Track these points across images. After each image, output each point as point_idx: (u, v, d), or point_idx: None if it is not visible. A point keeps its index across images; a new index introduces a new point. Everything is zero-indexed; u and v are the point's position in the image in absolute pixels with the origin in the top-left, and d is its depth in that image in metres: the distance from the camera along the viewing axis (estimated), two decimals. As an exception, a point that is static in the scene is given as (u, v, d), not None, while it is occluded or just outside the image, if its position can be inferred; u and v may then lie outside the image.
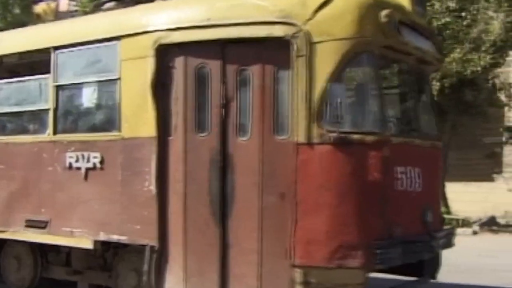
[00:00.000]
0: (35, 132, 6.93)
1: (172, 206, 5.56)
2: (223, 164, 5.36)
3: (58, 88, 6.40)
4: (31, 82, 6.75)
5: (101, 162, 5.99)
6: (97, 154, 6.02)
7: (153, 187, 5.61)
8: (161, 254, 5.58)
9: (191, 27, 5.48)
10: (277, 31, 5.17)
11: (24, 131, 7.04)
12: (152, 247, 5.61)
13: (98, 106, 6.30)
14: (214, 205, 5.38)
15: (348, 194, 5.01)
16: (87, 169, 6.10)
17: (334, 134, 5.02)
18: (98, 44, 6.10)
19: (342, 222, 5.00)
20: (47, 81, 6.50)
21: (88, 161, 6.09)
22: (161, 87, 5.62)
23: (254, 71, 5.31)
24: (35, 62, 7.04)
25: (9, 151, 6.87)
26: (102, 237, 5.97)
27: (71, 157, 6.23)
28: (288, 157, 5.14)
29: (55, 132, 6.42)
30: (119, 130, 5.89)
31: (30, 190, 6.62)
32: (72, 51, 6.32)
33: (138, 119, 5.74)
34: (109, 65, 6.04)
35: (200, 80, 5.50)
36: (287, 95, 5.20)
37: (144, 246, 5.69)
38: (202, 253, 5.42)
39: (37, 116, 6.88)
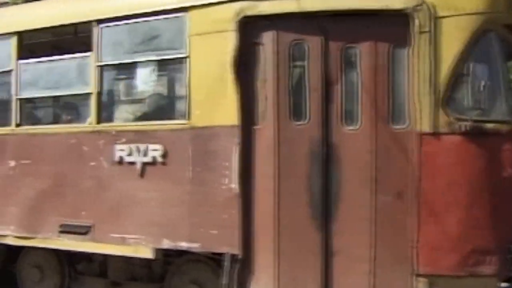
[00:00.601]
0: (71, 121, 5.92)
1: (260, 207, 4.72)
2: (326, 158, 4.57)
3: (103, 68, 5.42)
4: (65, 62, 5.72)
5: (164, 155, 5.07)
6: (158, 147, 5.08)
7: (235, 185, 4.75)
8: (244, 264, 4.75)
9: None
10: (395, 2, 4.42)
11: (57, 119, 6.01)
12: (233, 256, 4.76)
13: (158, 90, 5.38)
14: (315, 205, 4.58)
15: (482, 192, 4.33)
16: (144, 164, 5.16)
17: (466, 123, 4.32)
18: (158, 17, 5.13)
19: (475, 224, 4.31)
20: (88, 61, 5.50)
21: (145, 154, 5.15)
22: (244, 67, 4.77)
23: (363, 49, 4.54)
24: (65, 40, 6.02)
25: (37, 143, 5.80)
26: (166, 244, 5.05)
27: (121, 150, 5.27)
28: (407, 150, 4.41)
29: (99, 121, 5.43)
30: (188, 117, 4.98)
31: (66, 189, 5.60)
32: (121, 25, 5.33)
33: (214, 104, 4.86)
34: (174, 41, 5.10)
35: (295, 59, 4.69)
36: (405, 78, 4.47)
37: (220, 254, 4.84)
38: (300, 262, 4.61)
39: (74, 102, 5.87)
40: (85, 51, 5.51)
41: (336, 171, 4.56)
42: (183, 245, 4.97)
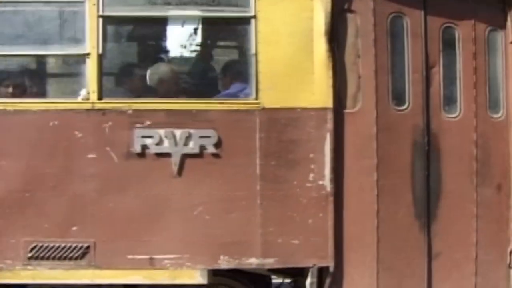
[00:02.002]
0: (56, 94, 4.01)
1: (352, 209, 3.90)
2: (428, 149, 4.02)
3: (106, 20, 3.79)
4: (48, 8, 3.84)
5: (217, 145, 3.80)
6: (210, 132, 3.79)
7: (325, 182, 3.83)
8: (335, 279, 3.86)
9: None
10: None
11: (29, 91, 3.98)
12: (321, 269, 3.83)
13: (205, 57, 3.98)
14: (419, 203, 3.99)
15: None
16: (185, 157, 3.79)
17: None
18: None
19: None
20: (83, 8, 3.79)
21: (186, 143, 3.79)
22: (333, 38, 3.88)
23: (461, 29, 4.12)
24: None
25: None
26: (225, 263, 3.79)
27: (146, 136, 3.78)
28: (505, 140, 4.17)
29: (100, 96, 3.79)
30: (256, 96, 3.83)
31: (44, 194, 3.77)
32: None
33: (295, 81, 3.84)
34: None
35: (394, 34, 4.01)
36: (500, 63, 4.21)
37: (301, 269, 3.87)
38: (403, 270, 3.95)
39: (59, 68, 3.97)
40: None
41: (436, 163, 4.05)
42: (253, 261, 3.80)
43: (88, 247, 3.77)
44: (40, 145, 3.80)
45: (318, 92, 3.84)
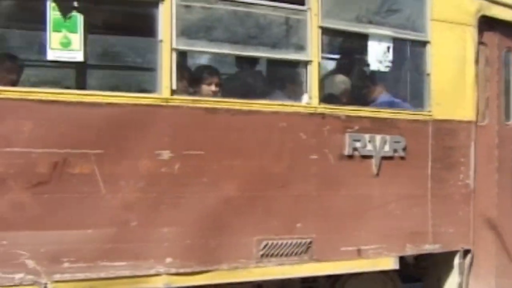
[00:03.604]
0: (280, 96, 4.01)
1: (482, 202, 4.86)
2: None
3: (325, 31, 4.09)
4: (276, 13, 3.90)
5: (404, 149, 4.41)
6: (400, 138, 4.38)
7: (470, 181, 4.74)
8: (473, 258, 4.80)
9: (509, 5, 4.98)
10: None
11: (262, 93, 3.89)
12: (466, 252, 4.74)
13: (393, 72, 4.46)
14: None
15: None
16: (382, 159, 4.31)
17: None
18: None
19: None
20: (303, 17, 4.01)
21: (383, 147, 4.32)
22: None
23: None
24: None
25: (215, 124, 3.71)
26: (410, 250, 4.43)
27: (355, 140, 4.20)
28: None
29: (320, 101, 4.08)
30: (429, 109, 4.53)
31: (270, 193, 3.89)
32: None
33: (455, 98, 4.66)
34: (414, 21, 4.48)
35: (506, 64, 5.08)
36: None
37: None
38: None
39: (277, 70, 3.99)
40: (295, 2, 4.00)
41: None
42: (427, 247, 4.51)
43: (310, 242, 4.03)
44: (269, 145, 3.91)
45: (467, 108, 4.73)
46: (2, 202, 3.16)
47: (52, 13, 3.38)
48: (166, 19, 3.60)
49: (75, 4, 3.45)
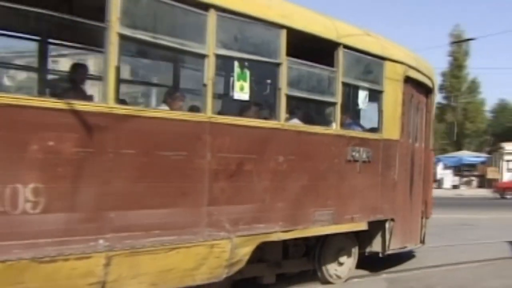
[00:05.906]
0: (318, 122, 6.41)
1: (399, 189, 7.98)
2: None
3: (344, 84, 6.72)
4: (321, 70, 6.36)
5: (370, 156, 7.26)
6: (369, 150, 7.22)
7: (396, 176, 7.82)
8: (393, 224, 7.89)
9: (415, 69, 8.17)
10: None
11: (310, 120, 6.23)
12: (392, 219, 7.80)
13: (368, 109, 7.19)
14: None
15: None
16: (362, 162, 7.11)
17: None
18: (369, 57, 7.18)
19: None
20: (335, 75, 6.59)
21: (362, 155, 7.12)
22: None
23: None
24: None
25: (302, 140, 6.08)
26: (372, 218, 7.29)
27: (353, 151, 6.92)
28: None
29: (340, 126, 6.70)
30: (381, 132, 7.45)
31: (318, 182, 6.40)
32: (355, 55, 6.89)
33: (392, 125, 7.67)
34: (377, 78, 7.34)
35: (412, 105, 8.27)
36: None
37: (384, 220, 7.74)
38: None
39: (322, 107, 6.38)
40: (327, 64, 6.57)
41: None
42: (378, 216, 7.43)
43: (333, 213, 6.62)
44: (320, 153, 6.41)
45: (397, 131, 7.80)
46: (217, 185, 5.15)
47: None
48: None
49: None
